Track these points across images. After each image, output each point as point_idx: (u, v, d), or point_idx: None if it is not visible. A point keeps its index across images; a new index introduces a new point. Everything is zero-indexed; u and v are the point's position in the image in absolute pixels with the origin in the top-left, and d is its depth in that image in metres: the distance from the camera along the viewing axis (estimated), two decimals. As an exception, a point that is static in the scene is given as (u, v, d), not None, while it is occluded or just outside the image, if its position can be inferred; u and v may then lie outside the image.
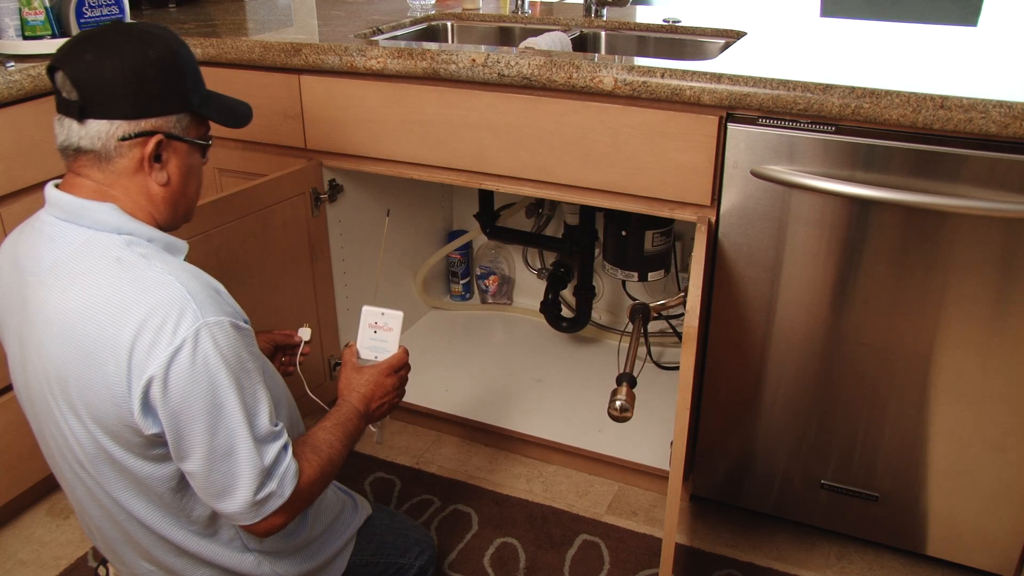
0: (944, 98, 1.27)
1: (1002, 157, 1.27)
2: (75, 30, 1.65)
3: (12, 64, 1.57)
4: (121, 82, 0.99)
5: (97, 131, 1.00)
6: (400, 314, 1.30)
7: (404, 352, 1.30)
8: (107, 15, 1.70)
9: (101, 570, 1.45)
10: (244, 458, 0.99)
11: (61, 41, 1.63)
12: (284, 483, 1.03)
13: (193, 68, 1.08)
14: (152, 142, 1.02)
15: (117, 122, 1.00)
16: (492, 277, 2.44)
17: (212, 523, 1.10)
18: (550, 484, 1.87)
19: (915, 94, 1.28)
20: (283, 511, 1.04)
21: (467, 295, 2.52)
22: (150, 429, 0.97)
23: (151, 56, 1.01)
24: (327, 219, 1.91)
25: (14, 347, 1.08)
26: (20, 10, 1.61)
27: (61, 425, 1.03)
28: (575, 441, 1.88)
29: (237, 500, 1.00)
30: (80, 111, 0.99)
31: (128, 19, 1.75)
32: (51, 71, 1.02)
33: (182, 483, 1.05)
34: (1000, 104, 1.23)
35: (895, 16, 3.05)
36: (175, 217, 1.10)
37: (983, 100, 1.24)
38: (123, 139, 1.01)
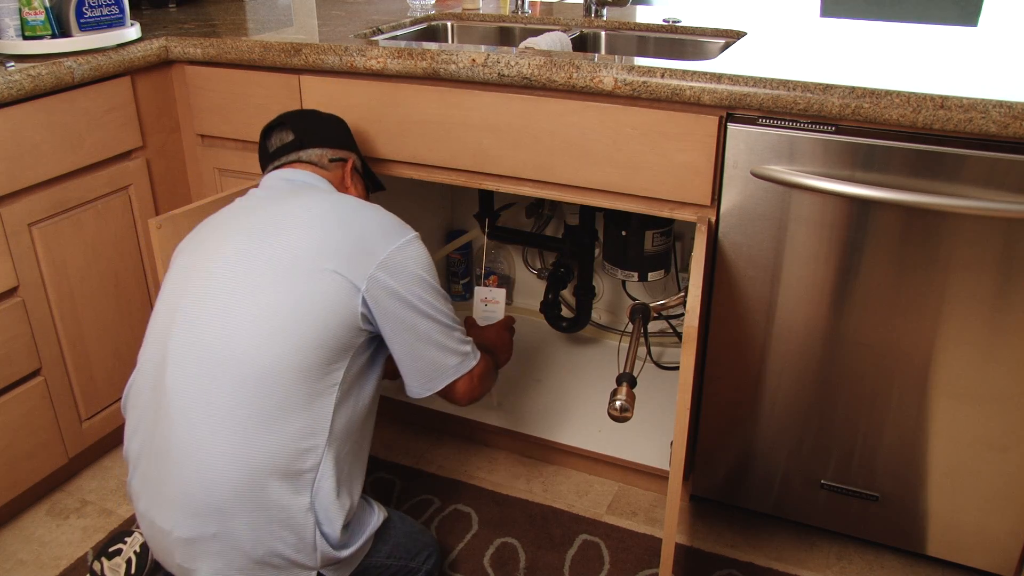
0: (944, 98, 1.27)
1: (1002, 157, 1.27)
2: (75, 30, 1.65)
3: (12, 64, 1.56)
4: (323, 128, 1.49)
5: (314, 151, 1.46)
6: (503, 291, 1.88)
7: (511, 317, 1.77)
8: (107, 15, 1.71)
9: (96, 565, 1.45)
10: (449, 332, 1.31)
11: (61, 41, 1.65)
12: (475, 349, 1.36)
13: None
14: (351, 161, 1.50)
15: (327, 149, 1.47)
16: (492, 277, 2.44)
17: (305, 458, 1.18)
18: (550, 484, 1.88)
19: (915, 94, 1.28)
20: (471, 376, 1.35)
21: (467, 295, 2.52)
22: (362, 323, 1.23)
23: (336, 118, 1.54)
24: (327, 219, 1.90)
25: (206, 245, 1.28)
26: (20, 10, 1.61)
27: (253, 296, 1.19)
28: (575, 441, 1.88)
29: (449, 359, 1.31)
30: (299, 144, 1.45)
31: (128, 19, 1.76)
32: (268, 132, 1.48)
33: (339, 362, 1.21)
34: (1000, 104, 1.23)
35: (895, 16, 3.05)
36: None
37: (983, 100, 1.24)
38: (331, 160, 1.47)
